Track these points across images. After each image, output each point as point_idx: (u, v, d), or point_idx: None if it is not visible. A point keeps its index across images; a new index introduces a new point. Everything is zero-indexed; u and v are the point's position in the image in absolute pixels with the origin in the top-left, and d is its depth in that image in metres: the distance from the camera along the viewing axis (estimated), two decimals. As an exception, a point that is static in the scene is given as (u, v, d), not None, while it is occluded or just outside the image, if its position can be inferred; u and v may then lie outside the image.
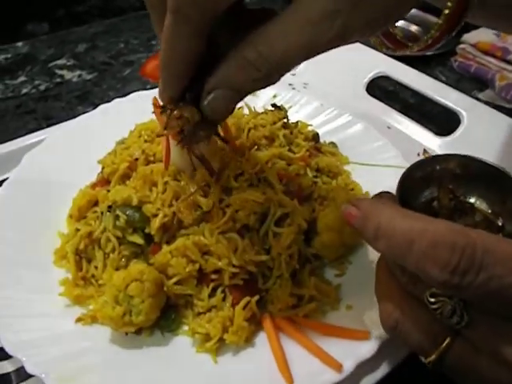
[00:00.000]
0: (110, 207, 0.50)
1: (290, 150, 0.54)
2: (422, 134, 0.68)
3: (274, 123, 0.57)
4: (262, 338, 0.44)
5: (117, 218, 0.48)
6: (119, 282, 0.43)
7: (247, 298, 0.44)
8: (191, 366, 0.42)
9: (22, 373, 0.43)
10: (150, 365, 0.42)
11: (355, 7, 0.29)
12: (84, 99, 0.79)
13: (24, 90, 0.82)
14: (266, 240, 0.47)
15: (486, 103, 0.73)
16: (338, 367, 0.39)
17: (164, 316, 0.45)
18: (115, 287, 0.43)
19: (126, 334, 0.44)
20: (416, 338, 0.33)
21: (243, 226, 0.46)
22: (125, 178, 0.54)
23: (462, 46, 0.82)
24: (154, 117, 0.64)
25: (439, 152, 0.59)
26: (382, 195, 0.37)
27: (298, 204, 0.48)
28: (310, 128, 0.62)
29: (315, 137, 0.60)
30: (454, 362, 0.32)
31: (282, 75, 0.32)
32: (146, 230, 0.47)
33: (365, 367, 0.40)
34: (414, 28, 0.93)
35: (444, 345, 0.32)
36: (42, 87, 0.83)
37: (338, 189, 0.51)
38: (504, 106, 0.76)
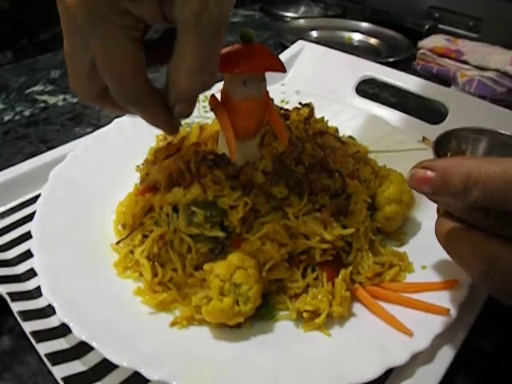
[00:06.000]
0: (174, 208, 0.49)
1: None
2: (416, 125, 0.76)
3: (306, 119, 0.60)
4: (357, 308, 0.46)
5: (192, 214, 0.47)
6: (223, 271, 0.42)
7: (343, 271, 0.46)
8: (307, 345, 0.42)
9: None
10: (267, 354, 0.41)
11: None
12: (79, 121, 0.75)
13: (7, 118, 0.76)
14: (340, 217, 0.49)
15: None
16: (445, 312, 0.42)
17: (262, 304, 0.45)
18: (219, 278, 0.42)
19: (231, 327, 0.43)
20: None
21: (321, 205, 0.48)
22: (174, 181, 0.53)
23: (420, 51, 0.94)
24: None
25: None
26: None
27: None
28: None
29: (336, 131, 0.65)
30: None
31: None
32: (225, 224, 0.47)
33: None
34: (373, 41, 1.04)
35: None
36: (27, 113, 0.77)
37: (384, 169, 0.56)
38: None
